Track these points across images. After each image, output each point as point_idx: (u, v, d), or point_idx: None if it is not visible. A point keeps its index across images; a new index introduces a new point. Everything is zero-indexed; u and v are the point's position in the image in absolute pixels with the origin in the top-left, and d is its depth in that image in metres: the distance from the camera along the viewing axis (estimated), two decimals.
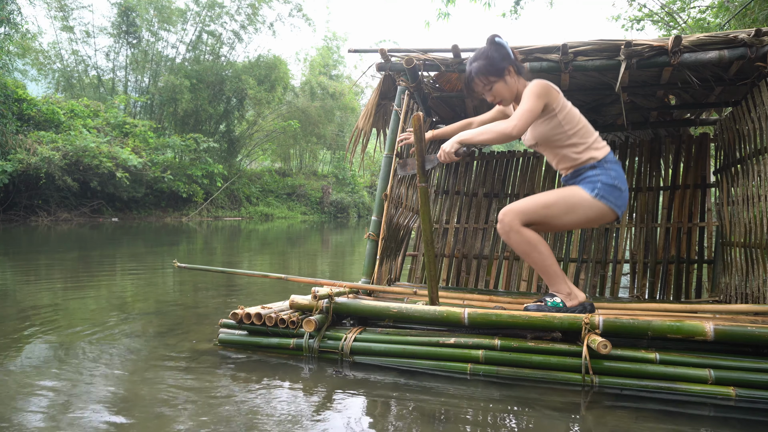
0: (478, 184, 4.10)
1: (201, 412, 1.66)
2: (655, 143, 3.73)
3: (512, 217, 2.24)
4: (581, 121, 2.30)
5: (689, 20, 10.68)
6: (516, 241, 2.25)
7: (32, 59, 22.23)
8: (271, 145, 28.59)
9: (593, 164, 2.25)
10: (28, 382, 1.92)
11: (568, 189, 2.30)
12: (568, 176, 2.37)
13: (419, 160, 2.26)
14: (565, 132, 2.27)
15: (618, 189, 2.25)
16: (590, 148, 2.27)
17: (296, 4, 24.95)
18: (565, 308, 2.22)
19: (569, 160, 2.31)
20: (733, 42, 2.52)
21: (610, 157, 2.29)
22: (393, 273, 3.49)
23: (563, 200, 2.26)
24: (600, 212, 2.25)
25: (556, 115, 2.25)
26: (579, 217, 2.27)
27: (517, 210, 2.25)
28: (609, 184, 2.23)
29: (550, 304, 2.23)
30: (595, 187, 2.23)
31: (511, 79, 2.28)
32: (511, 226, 2.23)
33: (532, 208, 2.26)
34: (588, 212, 2.25)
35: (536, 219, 2.26)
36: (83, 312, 3.22)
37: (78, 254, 6.99)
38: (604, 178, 2.24)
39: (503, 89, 2.29)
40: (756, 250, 2.73)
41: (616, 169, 2.28)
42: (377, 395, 1.86)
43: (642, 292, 3.52)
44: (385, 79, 3.11)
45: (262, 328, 2.35)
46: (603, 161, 2.26)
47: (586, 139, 2.28)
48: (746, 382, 1.82)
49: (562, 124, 2.26)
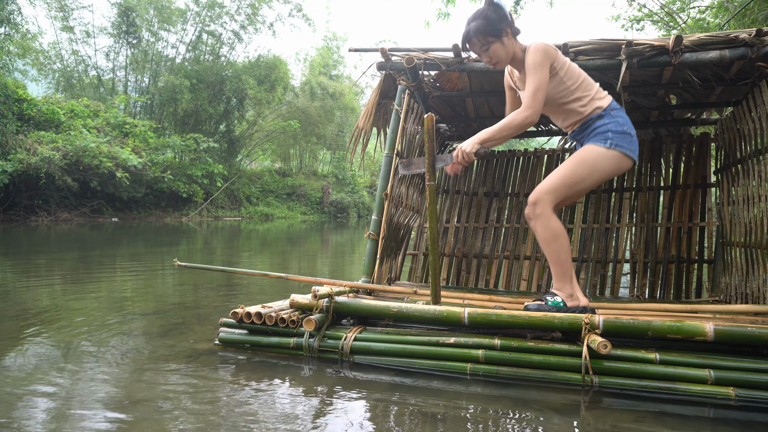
0: (478, 184, 4.10)
1: (201, 411, 1.66)
2: (655, 143, 3.73)
3: (545, 201, 2.23)
4: (581, 74, 2.31)
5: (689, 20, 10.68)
6: (543, 227, 2.24)
7: (32, 59, 22.24)
8: (271, 145, 28.60)
9: (600, 114, 2.26)
10: (28, 381, 1.91)
11: (581, 152, 2.28)
12: (576, 131, 2.36)
13: (430, 159, 2.26)
14: (568, 88, 2.28)
15: (629, 134, 2.26)
16: (594, 99, 2.29)
17: (296, 4, 25.01)
18: (565, 308, 2.21)
19: (576, 114, 2.32)
20: (734, 42, 2.52)
21: (614, 105, 2.31)
22: (393, 272, 3.48)
23: (583, 165, 2.24)
24: (618, 162, 2.24)
25: (557, 73, 2.26)
26: (601, 175, 2.26)
27: (547, 190, 2.24)
28: (619, 132, 2.24)
29: (550, 303, 2.23)
30: (607, 138, 2.23)
31: (508, 40, 2.27)
32: (543, 209, 2.23)
33: (560, 185, 2.24)
34: (608, 166, 2.24)
35: (565, 195, 2.27)
36: (83, 312, 3.22)
37: (78, 254, 6.99)
38: (613, 126, 2.24)
39: (500, 50, 2.28)
40: (756, 250, 2.73)
41: (623, 116, 2.29)
42: (377, 395, 1.86)
43: (642, 291, 3.51)
44: (385, 79, 3.11)
45: (262, 327, 2.35)
46: (608, 109, 2.27)
47: (589, 90, 2.30)
48: (746, 383, 1.82)
49: (564, 80, 2.27)
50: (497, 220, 3.99)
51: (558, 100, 2.31)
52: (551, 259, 2.28)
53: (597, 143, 2.24)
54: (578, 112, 2.31)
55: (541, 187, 2.26)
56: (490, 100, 3.59)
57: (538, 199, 2.24)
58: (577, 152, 2.31)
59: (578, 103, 2.29)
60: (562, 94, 2.29)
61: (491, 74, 3.10)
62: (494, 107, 3.72)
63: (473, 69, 2.91)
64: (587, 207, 3.78)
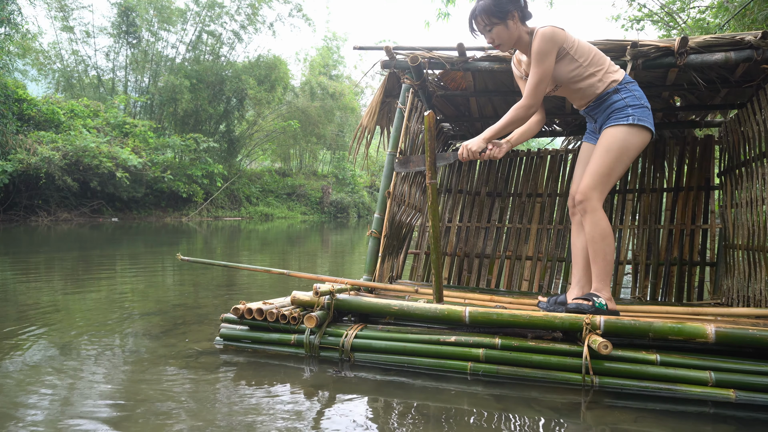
0: (481, 183, 4.09)
1: (201, 411, 1.65)
2: (659, 144, 3.72)
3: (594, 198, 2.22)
4: (592, 49, 2.29)
5: (689, 20, 10.68)
6: (592, 224, 2.23)
7: (32, 59, 22.23)
8: (271, 145, 28.60)
9: (616, 87, 2.25)
10: (29, 381, 1.90)
11: (608, 139, 2.25)
12: (592, 105, 2.35)
13: (431, 157, 2.25)
14: (581, 64, 2.26)
15: (646, 107, 2.26)
16: (608, 72, 2.28)
17: (296, 4, 25.02)
18: (607, 310, 2.18)
19: (593, 88, 2.29)
20: (739, 44, 2.51)
21: (628, 78, 2.30)
22: (395, 271, 3.47)
23: (613, 151, 2.22)
24: (643, 137, 2.24)
25: (567, 53, 2.25)
26: (632, 153, 2.25)
27: (593, 186, 2.23)
28: (638, 105, 2.23)
29: (597, 305, 2.17)
30: (628, 114, 2.22)
31: (513, 24, 2.23)
32: (594, 206, 2.23)
33: (601, 177, 2.23)
34: (635, 143, 2.23)
35: (609, 185, 2.27)
36: (83, 312, 3.21)
37: (78, 254, 6.98)
38: (630, 100, 2.24)
39: (503, 33, 2.25)
40: (759, 253, 2.72)
41: (638, 89, 2.29)
42: (377, 394, 1.85)
43: (644, 293, 3.50)
44: (389, 77, 3.10)
45: (263, 323, 2.35)
46: (623, 83, 2.27)
47: (602, 64, 2.29)
48: (747, 385, 1.82)
49: (576, 59, 2.25)
50: (499, 220, 3.98)
51: (573, 79, 2.29)
52: (596, 258, 2.25)
53: (619, 122, 2.23)
54: (595, 86, 2.28)
55: (585, 185, 2.25)
56: (494, 99, 3.58)
57: (586, 197, 2.23)
58: (602, 140, 2.27)
59: (593, 78, 2.27)
60: (576, 72, 2.27)
61: (495, 74, 3.10)
62: (498, 107, 3.72)
63: (477, 68, 2.90)
64: None
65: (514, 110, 2.24)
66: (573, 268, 2.48)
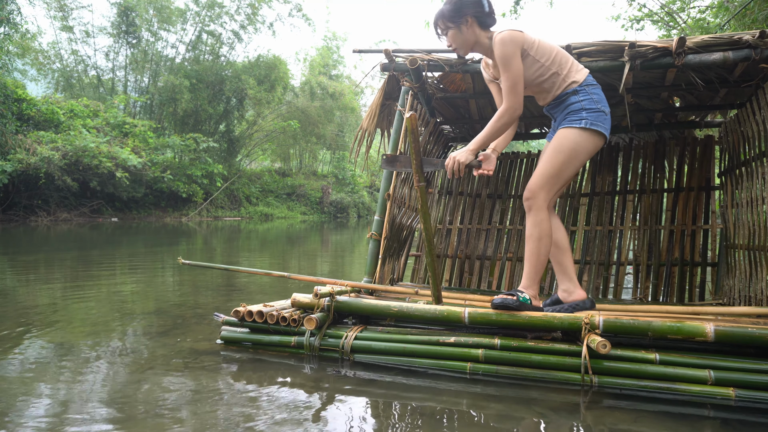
0: (481, 185, 4.09)
1: (201, 411, 1.65)
2: (659, 145, 3.72)
3: (540, 197, 2.24)
4: (553, 48, 2.32)
5: (689, 20, 10.68)
6: (533, 223, 2.24)
7: (32, 59, 22.22)
8: (270, 145, 28.59)
9: (575, 89, 2.27)
10: (28, 381, 1.90)
11: (558, 140, 2.27)
12: (552, 104, 2.36)
13: (417, 160, 2.24)
14: (543, 64, 2.28)
15: (603, 112, 2.27)
16: (571, 71, 2.30)
17: (296, 4, 25.00)
18: (530, 305, 2.18)
19: (555, 88, 2.31)
20: (737, 44, 2.51)
21: (590, 80, 2.32)
22: (396, 273, 3.47)
23: (563, 152, 2.25)
24: (594, 141, 2.26)
25: (528, 54, 2.27)
26: (582, 157, 2.27)
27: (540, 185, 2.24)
28: (594, 110, 2.25)
29: (521, 299, 2.16)
30: (582, 118, 2.24)
31: (467, 29, 2.29)
32: (539, 206, 2.24)
33: (549, 178, 2.25)
34: (586, 147, 2.25)
35: (557, 186, 2.28)
36: (83, 312, 3.21)
37: (78, 254, 6.98)
38: (587, 103, 2.25)
39: (457, 36, 2.31)
40: (760, 252, 2.72)
41: (598, 92, 2.30)
42: (377, 394, 1.86)
43: (645, 294, 3.50)
44: (389, 80, 3.10)
45: (263, 325, 2.36)
46: (584, 84, 2.28)
47: (565, 64, 2.31)
48: (746, 383, 1.82)
49: (537, 59, 2.28)
50: (500, 221, 3.98)
51: (537, 79, 2.32)
52: (530, 256, 2.27)
53: (572, 124, 2.25)
54: (557, 86, 2.31)
55: (533, 183, 2.27)
56: (494, 101, 3.58)
57: (533, 195, 2.25)
58: (554, 140, 2.30)
59: (556, 78, 2.30)
60: (539, 72, 2.30)
61: None
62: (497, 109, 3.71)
63: (477, 70, 2.90)
64: (591, 209, 3.77)
65: (499, 116, 2.24)
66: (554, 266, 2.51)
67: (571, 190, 3.84)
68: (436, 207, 4.07)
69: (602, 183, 3.78)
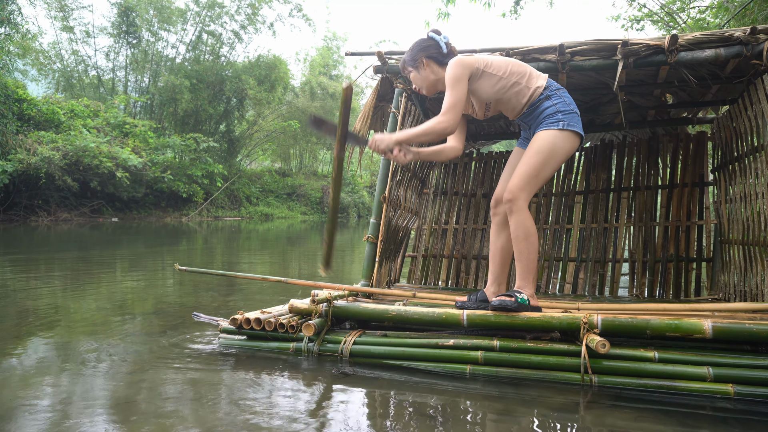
0: (476, 185, 4.11)
1: (201, 412, 1.66)
2: (652, 142, 3.74)
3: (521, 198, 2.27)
4: (509, 61, 2.37)
5: (689, 20, 10.67)
6: (517, 223, 2.27)
7: (32, 59, 22.24)
8: (271, 145, 28.60)
9: (547, 94, 2.32)
10: (28, 381, 1.92)
11: (537, 141, 2.30)
12: (525, 113, 2.39)
13: (342, 130, 2.28)
14: (501, 77, 2.33)
15: (576, 113, 2.33)
16: (531, 79, 2.34)
17: (296, 4, 25.04)
18: (530, 306, 2.19)
19: (520, 96, 2.35)
20: (729, 40, 2.52)
21: (555, 83, 2.37)
22: (392, 274, 3.49)
23: (542, 153, 2.27)
24: (572, 141, 2.30)
25: (483, 71, 2.33)
26: (560, 157, 2.30)
27: (520, 187, 2.27)
28: (568, 111, 2.30)
29: (520, 300, 2.16)
30: (559, 120, 2.28)
31: (425, 70, 2.43)
32: (520, 206, 2.26)
33: (529, 179, 2.27)
34: (564, 147, 2.28)
35: (536, 187, 2.31)
36: (83, 312, 3.23)
37: (78, 254, 7.00)
38: (561, 106, 2.30)
39: (417, 78, 2.47)
40: (754, 247, 2.73)
41: (567, 95, 2.36)
42: (377, 397, 1.87)
43: (641, 291, 3.52)
44: (382, 82, 3.11)
45: (261, 333, 2.36)
46: (553, 89, 2.33)
47: (523, 73, 2.35)
48: (745, 380, 1.83)
49: (493, 73, 2.33)
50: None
51: (499, 92, 2.36)
52: (520, 257, 2.30)
53: (549, 127, 2.28)
54: (523, 95, 2.34)
55: (514, 185, 2.29)
56: None
57: (514, 196, 2.28)
58: (533, 142, 2.32)
59: (518, 87, 2.33)
60: (500, 84, 2.34)
61: None
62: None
63: None
64: (585, 207, 3.79)
65: (430, 122, 2.29)
66: (490, 266, 2.55)
67: (566, 188, 3.86)
68: (432, 207, 4.09)
69: (597, 181, 3.79)
